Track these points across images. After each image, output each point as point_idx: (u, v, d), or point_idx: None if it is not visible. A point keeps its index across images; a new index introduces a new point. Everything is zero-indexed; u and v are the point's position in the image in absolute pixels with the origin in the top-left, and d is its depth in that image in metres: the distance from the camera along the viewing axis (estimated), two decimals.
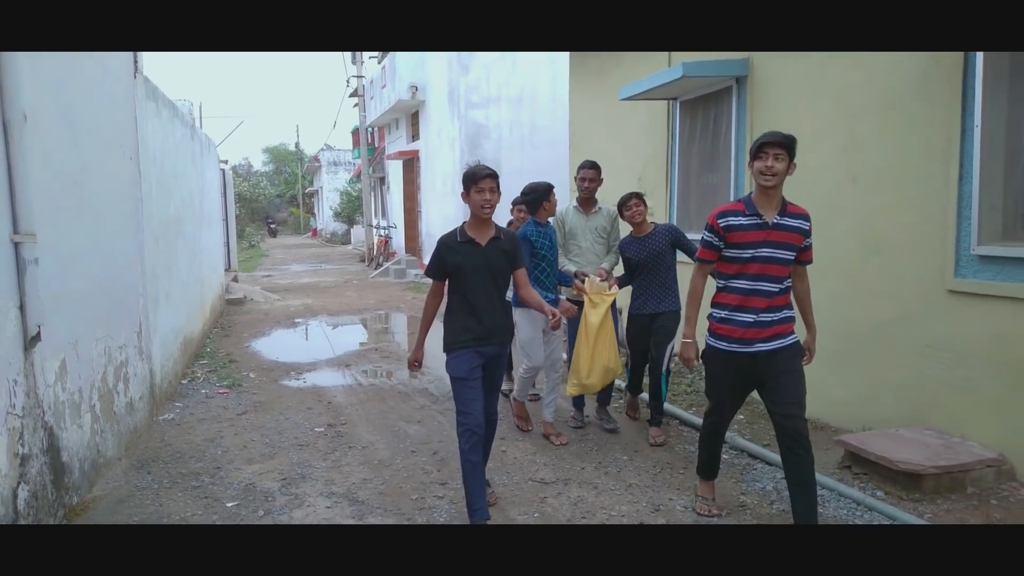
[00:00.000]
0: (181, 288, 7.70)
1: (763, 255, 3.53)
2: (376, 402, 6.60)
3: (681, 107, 7.50)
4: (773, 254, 3.53)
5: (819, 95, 5.49)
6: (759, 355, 3.57)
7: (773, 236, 3.52)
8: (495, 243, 3.88)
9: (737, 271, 3.59)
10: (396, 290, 15.62)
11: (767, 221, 3.52)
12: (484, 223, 3.90)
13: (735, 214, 3.58)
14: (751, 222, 3.54)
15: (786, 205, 3.58)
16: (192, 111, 9.91)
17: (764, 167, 3.45)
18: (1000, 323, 4.18)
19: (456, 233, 3.93)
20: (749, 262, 3.55)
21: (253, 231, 38.81)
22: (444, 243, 3.92)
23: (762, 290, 3.55)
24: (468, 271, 3.84)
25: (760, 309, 3.55)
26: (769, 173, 3.45)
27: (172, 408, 6.35)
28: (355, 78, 23.17)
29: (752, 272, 3.55)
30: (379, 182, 25.71)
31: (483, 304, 3.86)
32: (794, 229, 3.56)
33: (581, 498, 4.32)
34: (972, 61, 4.28)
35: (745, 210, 3.56)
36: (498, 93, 15.19)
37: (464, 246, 3.87)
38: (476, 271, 3.84)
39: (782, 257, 3.54)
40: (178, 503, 4.33)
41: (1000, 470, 4.14)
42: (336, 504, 4.31)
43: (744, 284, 3.57)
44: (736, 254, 3.58)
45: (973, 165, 4.28)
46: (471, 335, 3.86)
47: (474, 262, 3.84)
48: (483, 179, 3.82)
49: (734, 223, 3.57)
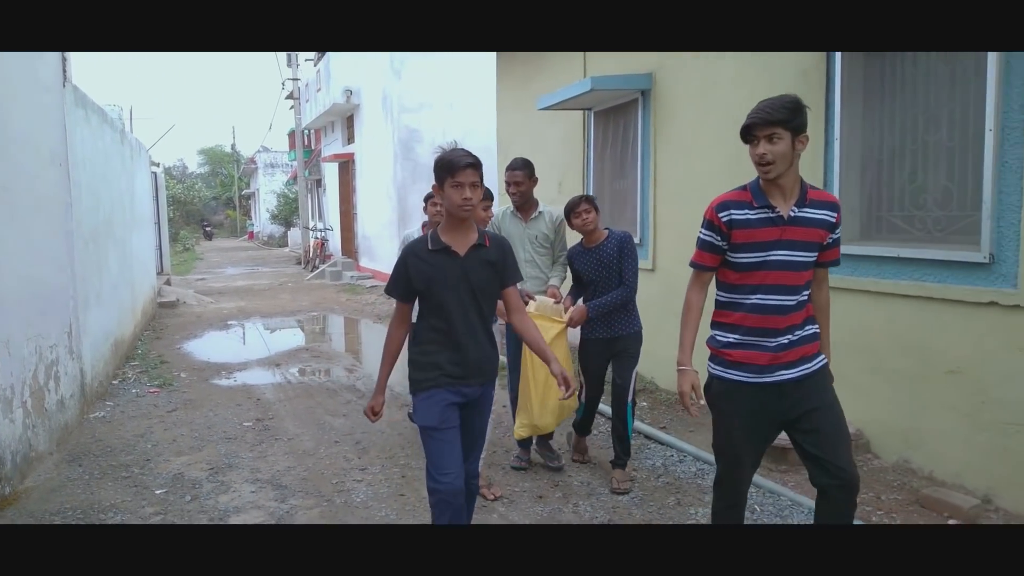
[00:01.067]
0: (112, 290, 7.86)
1: (776, 259, 2.74)
2: (304, 398, 6.89)
3: (595, 117, 7.98)
4: (789, 257, 2.74)
5: (710, 109, 6.00)
6: (784, 385, 2.78)
7: (789, 234, 2.73)
8: (478, 252, 3.00)
9: (743, 280, 2.81)
10: (331, 292, 15.81)
11: (781, 214, 2.73)
12: (463, 226, 3.01)
13: (740, 205, 2.76)
14: (760, 216, 2.74)
15: (806, 192, 2.77)
16: (122, 116, 10.02)
17: (756, 156, 2.69)
18: (859, 314, 4.72)
19: (426, 239, 3.03)
20: (758, 268, 2.76)
21: (188, 234, 38.28)
22: (411, 252, 3.02)
23: (776, 304, 2.76)
24: (442, 288, 2.97)
25: (778, 330, 2.77)
26: (764, 162, 2.67)
27: (103, 407, 6.53)
28: (291, 80, 23.24)
29: (763, 281, 2.77)
30: (316, 184, 25.77)
31: (462, 330, 3.00)
32: (816, 222, 2.75)
33: (490, 478, 4.70)
34: (832, 79, 4.82)
35: (753, 201, 2.75)
36: (431, 99, 15.52)
37: (436, 256, 2.98)
38: (452, 288, 2.97)
39: (800, 260, 2.76)
40: (108, 491, 4.58)
41: (858, 443, 4.68)
42: (260, 489, 4.61)
43: (754, 298, 2.78)
44: (742, 258, 2.79)
45: (834, 173, 4.83)
46: (445, 371, 3.01)
47: (450, 276, 2.97)
48: (462, 170, 2.89)
49: (738, 217, 2.75)
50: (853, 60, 4.74)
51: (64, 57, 6.09)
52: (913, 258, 4.37)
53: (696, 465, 4.86)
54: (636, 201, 7.15)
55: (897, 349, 4.51)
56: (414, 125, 15.55)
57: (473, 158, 2.92)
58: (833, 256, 2.88)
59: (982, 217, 3.96)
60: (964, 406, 4.15)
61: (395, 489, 4.56)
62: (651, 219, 6.88)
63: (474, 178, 2.90)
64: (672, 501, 4.31)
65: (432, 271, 2.98)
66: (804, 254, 2.76)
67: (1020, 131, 3.77)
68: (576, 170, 8.36)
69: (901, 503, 4.15)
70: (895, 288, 4.46)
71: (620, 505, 4.26)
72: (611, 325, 4.51)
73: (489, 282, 3.05)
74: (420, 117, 15.52)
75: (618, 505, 4.26)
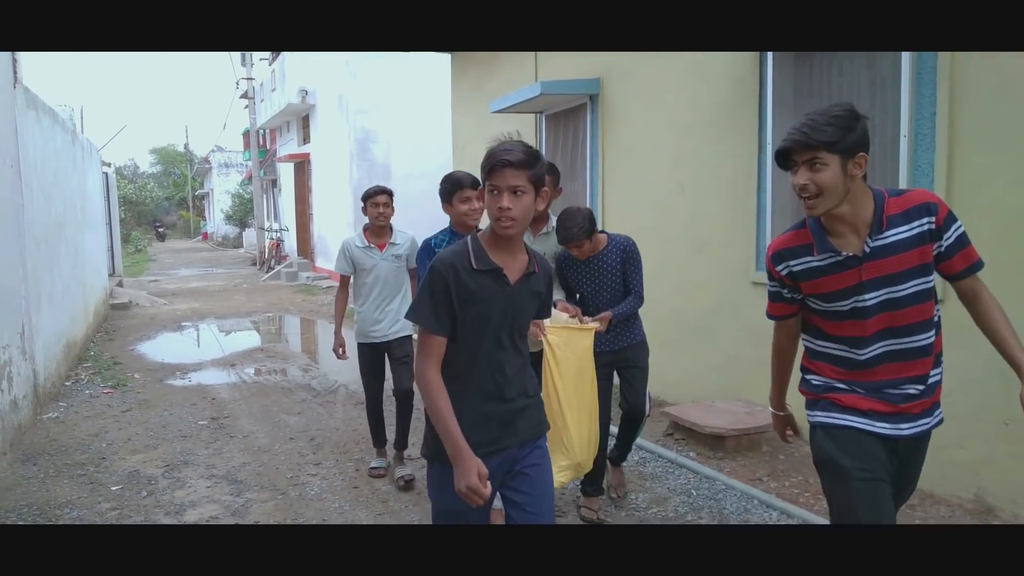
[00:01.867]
0: (64, 291, 7.83)
1: (873, 302, 2.20)
2: (259, 397, 6.97)
3: (546, 120, 8.19)
4: (892, 295, 2.19)
5: (655, 114, 6.25)
6: (900, 443, 2.27)
7: (871, 271, 2.18)
8: (528, 281, 2.32)
9: (838, 332, 2.28)
10: (287, 293, 15.79)
11: (854, 255, 2.18)
12: (511, 245, 2.28)
13: (798, 253, 2.27)
14: (827, 262, 2.22)
15: (882, 212, 2.16)
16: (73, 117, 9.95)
17: (796, 187, 2.17)
18: None
19: (468, 252, 2.25)
20: (849, 317, 2.24)
21: (140, 235, 37.65)
22: (452, 265, 2.23)
23: (895, 350, 2.23)
24: (483, 323, 2.25)
25: (899, 380, 2.24)
26: (806, 195, 2.14)
27: (56, 407, 6.54)
28: (245, 80, 23.05)
29: (863, 333, 2.23)
30: (271, 184, 25.60)
31: (507, 375, 2.31)
32: (906, 244, 2.16)
33: None
34: (765, 86, 5.09)
35: (813, 244, 2.23)
36: (387, 99, 15.58)
37: (485, 279, 2.24)
38: (500, 325, 2.28)
39: (911, 293, 2.18)
40: (64, 489, 4.64)
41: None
42: (216, 484, 4.71)
43: (856, 352, 2.26)
44: (827, 307, 2.27)
45: (767, 176, 5.10)
46: (484, 432, 2.26)
47: (495, 308, 2.25)
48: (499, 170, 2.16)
49: (799, 268, 2.27)
50: (783, 68, 5.01)
51: (15, 58, 6.10)
52: None
53: None
54: (586, 202, 7.37)
55: None
56: (370, 126, 15.61)
57: (516, 154, 2.15)
58: (964, 262, 2.21)
59: None
60: None
61: (349, 482, 4.70)
62: (600, 220, 7.10)
63: (515, 181, 2.14)
64: None
65: (483, 301, 2.23)
66: (912, 284, 2.16)
67: (931, 137, 4.06)
68: None
69: None
70: None
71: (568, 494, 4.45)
72: (617, 336, 3.95)
73: (529, 317, 2.38)
74: (376, 118, 15.59)
75: (566, 494, 4.45)
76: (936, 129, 4.04)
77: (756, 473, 4.57)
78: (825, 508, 4.09)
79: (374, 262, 4.65)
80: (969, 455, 3.96)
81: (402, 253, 4.71)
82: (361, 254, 4.67)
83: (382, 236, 4.72)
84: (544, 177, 2.24)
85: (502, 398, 2.30)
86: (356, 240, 4.72)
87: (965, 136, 3.92)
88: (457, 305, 2.22)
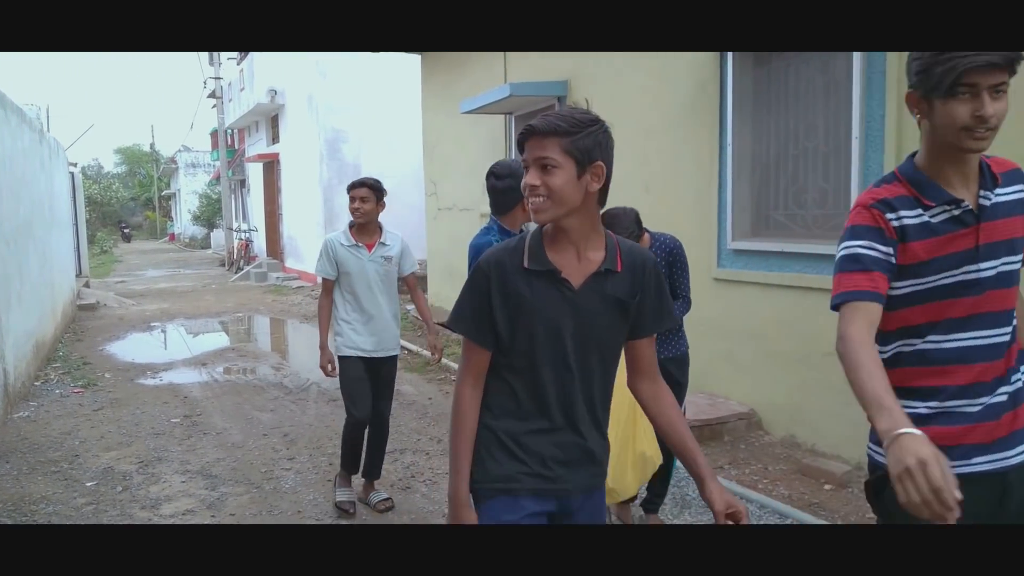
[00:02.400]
0: (32, 291, 7.81)
1: (990, 273, 1.75)
2: (232, 395, 7.02)
3: (516, 121, 8.33)
4: (996, 269, 1.76)
5: (620, 116, 6.40)
6: (1009, 475, 1.77)
7: (988, 234, 1.75)
8: (601, 282, 1.86)
9: (930, 317, 1.77)
10: (257, 293, 15.76)
11: (970, 208, 1.74)
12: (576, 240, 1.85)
13: (907, 203, 1.76)
14: (941, 217, 1.75)
15: (990, 166, 1.78)
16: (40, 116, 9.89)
17: (969, 119, 1.63)
18: (750, 303, 5.19)
19: (523, 250, 1.87)
20: (943, 296, 1.76)
21: (105, 236, 37.13)
22: (496, 263, 1.88)
23: (982, 345, 1.77)
24: (550, 338, 1.86)
25: (986, 384, 1.77)
26: (985, 129, 1.64)
27: (27, 407, 6.54)
28: (213, 79, 22.90)
29: (959, 314, 1.76)
30: (239, 185, 25.44)
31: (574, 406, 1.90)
32: (1016, 207, 1.78)
33: (413, 463, 4.99)
34: (725, 90, 5.28)
35: (922, 197, 1.75)
36: (356, 99, 15.62)
37: (541, 282, 1.85)
38: (565, 341, 1.86)
39: (1010, 271, 1.77)
40: (38, 485, 4.68)
41: (751, 422, 5.14)
42: (191, 479, 4.78)
43: (947, 341, 1.77)
44: (922, 285, 1.77)
45: (727, 176, 5.28)
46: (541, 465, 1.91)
47: (552, 317, 1.85)
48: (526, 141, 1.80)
49: (913, 222, 1.75)
50: (743, 72, 5.20)
51: None
52: (795, 252, 4.84)
53: None
54: None
55: (783, 335, 4.98)
56: (340, 125, 15.63)
57: (545, 120, 1.75)
58: None
59: None
60: (840, 384, 4.62)
61: (323, 475, 4.80)
62: None
63: (542, 152, 1.74)
64: None
65: (529, 303, 1.83)
66: (1011, 261, 1.77)
67: (880, 139, 4.27)
68: None
69: (786, 472, 4.61)
70: (780, 280, 4.93)
71: None
72: (659, 347, 3.52)
73: (614, 333, 1.90)
74: (346, 118, 15.62)
75: None
76: (886, 130, 4.25)
77: (718, 461, 4.75)
78: (782, 493, 4.29)
79: (360, 264, 4.14)
80: None
81: (393, 255, 4.23)
82: (346, 254, 4.14)
83: (370, 234, 4.21)
84: (593, 150, 1.73)
85: (568, 429, 1.90)
86: (340, 238, 4.19)
87: (912, 138, 4.13)
88: (500, 312, 1.85)
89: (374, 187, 4.14)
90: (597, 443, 1.96)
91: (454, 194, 10.00)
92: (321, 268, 4.23)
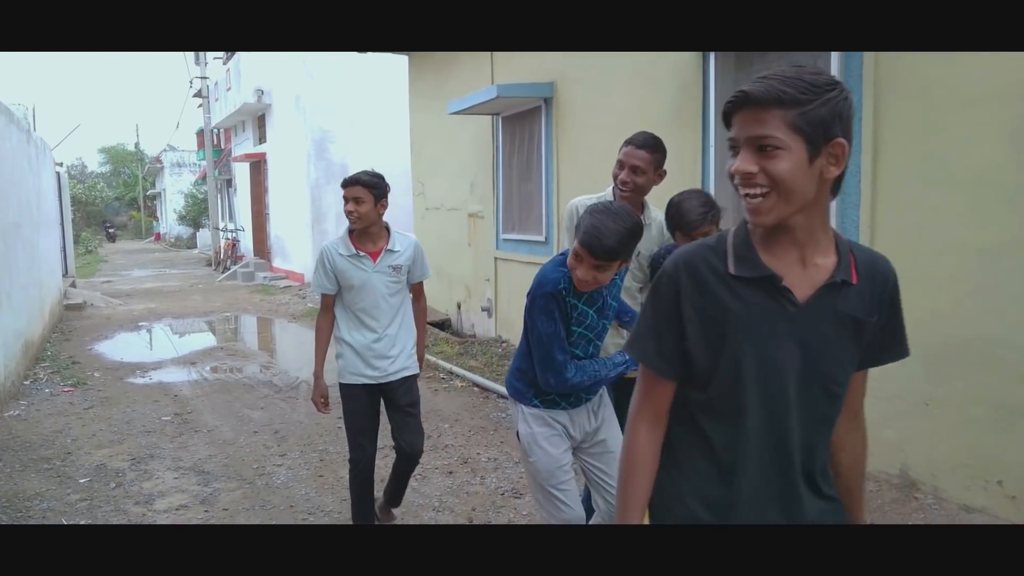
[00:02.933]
0: (21, 291, 7.83)
1: None
2: (222, 394, 7.08)
3: (503, 122, 8.42)
4: None
5: (605, 116, 6.52)
6: None
7: None
8: (833, 295, 1.44)
9: None
10: (244, 293, 15.77)
11: None
12: (797, 239, 1.43)
13: None
14: None
15: None
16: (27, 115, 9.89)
17: None
18: None
19: (726, 249, 1.47)
20: None
21: (90, 236, 36.91)
22: (689, 268, 1.47)
23: None
24: (763, 370, 1.44)
25: None
26: None
27: (17, 406, 6.57)
28: (199, 79, 22.85)
29: None
30: (226, 184, 25.40)
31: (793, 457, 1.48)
32: None
33: None
34: (707, 92, 5.39)
35: None
36: (344, 100, 15.66)
37: (752, 292, 1.44)
38: (784, 373, 1.44)
39: None
40: (32, 482, 4.73)
41: None
42: (183, 475, 4.85)
43: None
44: None
45: (710, 176, 5.39)
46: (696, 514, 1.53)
47: (780, 347, 1.43)
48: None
49: None
50: (725, 73, 5.31)
51: None
52: None
53: None
54: (542, 202, 7.63)
55: None
56: (328, 125, 15.67)
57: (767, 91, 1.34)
58: None
59: (829, 216, 4.56)
60: None
61: (314, 471, 4.88)
62: (555, 220, 7.36)
63: (758, 129, 1.35)
64: None
65: (735, 320, 1.43)
66: None
67: (857, 139, 4.38)
68: (487, 172, 8.79)
69: None
70: None
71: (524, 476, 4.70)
72: None
73: (845, 364, 1.47)
74: (334, 118, 15.66)
75: (523, 476, 4.69)
76: (862, 131, 4.37)
77: None
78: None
79: (365, 275, 3.46)
80: (894, 434, 4.30)
81: (402, 264, 3.54)
82: (346, 265, 3.46)
83: (374, 240, 3.50)
84: (832, 123, 1.34)
85: (784, 494, 1.47)
86: (339, 246, 3.50)
87: (888, 138, 4.25)
88: (694, 330, 1.44)
89: (370, 184, 3.41)
90: (823, 507, 1.50)
91: (441, 194, 10.08)
92: (318, 283, 3.54)
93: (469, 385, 6.97)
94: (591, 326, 2.66)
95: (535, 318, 2.58)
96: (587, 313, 2.63)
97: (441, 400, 6.53)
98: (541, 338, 2.55)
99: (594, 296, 2.63)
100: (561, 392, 2.68)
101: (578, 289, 2.53)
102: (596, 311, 2.66)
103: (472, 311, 9.42)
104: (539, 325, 2.55)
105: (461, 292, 9.69)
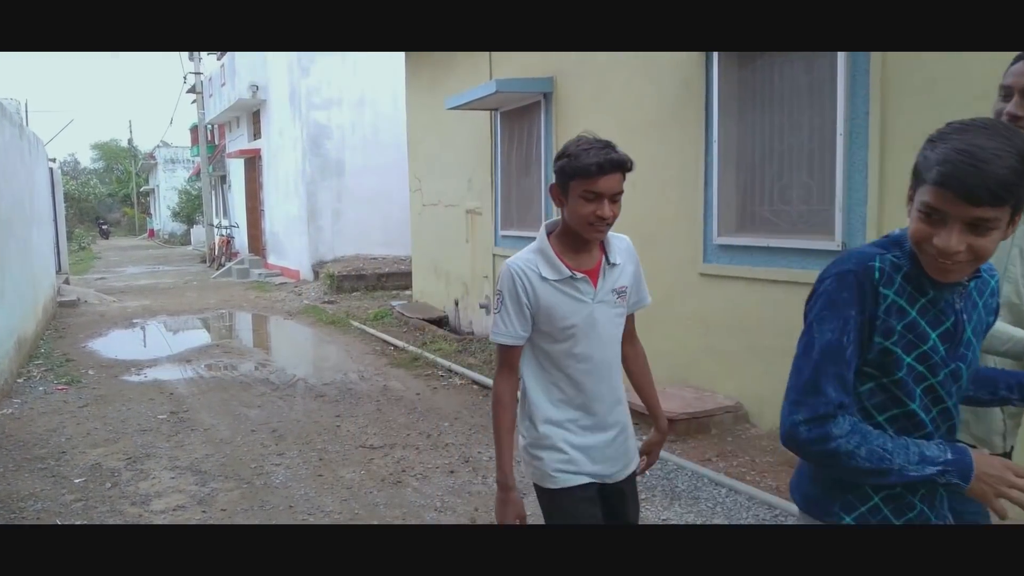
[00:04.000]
0: (14, 288, 7.74)
1: None
2: (218, 392, 7.00)
3: (501, 117, 8.35)
4: None
5: (605, 113, 6.46)
6: None
7: None
8: None
9: None
10: (239, 290, 15.67)
11: None
12: None
13: None
14: None
15: None
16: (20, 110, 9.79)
17: None
18: (735, 298, 5.25)
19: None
20: None
21: (83, 233, 36.73)
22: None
23: None
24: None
25: None
26: None
27: (10, 404, 6.49)
28: (193, 75, 22.72)
29: None
30: (220, 180, 25.26)
31: None
32: None
33: (404, 457, 5.01)
34: (711, 88, 5.33)
35: None
36: (339, 95, 15.58)
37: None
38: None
39: None
40: (26, 482, 4.66)
41: (737, 415, 5.21)
42: (180, 475, 4.78)
43: None
44: None
45: (713, 173, 5.34)
46: None
47: None
48: None
49: None
50: (728, 70, 5.26)
51: None
52: (780, 247, 4.91)
53: None
54: (541, 199, 7.57)
55: (769, 329, 5.05)
56: (323, 121, 15.58)
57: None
58: None
59: (835, 210, 4.52)
60: None
61: (313, 470, 4.81)
62: (554, 216, 7.30)
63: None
64: None
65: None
66: None
67: (864, 136, 4.34)
68: (485, 168, 8.72)
69: (773, 464, 4.67)
70: (766, 274, 5.00)
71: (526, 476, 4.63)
72: None
73: None
74: (329, 113, 15.57)
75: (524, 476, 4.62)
76: (869, 128, 4.32)
77: (706, 454, 4.81)
78: (770, 485, 4.36)
79: (586, 310, 2.15)
80: None
81: (628, 284, 2.26)
82: (555, 296, 2.13)
83: (592, 251, 2.21)
84: None
85: None
86: (538, 264, 2.16)
87: (895, 134, 4.20)
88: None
89: (629, 168, 2.15)
90: None
91: (439, 190, 10.00)
92: (506, 327, 2.16)
93: (468, 383, 6.91)
94: (930, 359, 1.48)
95: (813, 315, 1.53)
96: (925, 333, 1.47)
97: (440, 398, 6.47)
98: (810, 348, 1.51)
99: (943, 307, 1.48)
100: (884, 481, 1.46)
101: (932, 276, 1.43)
102: (944, 335, 1.48)
103: (470, 308, 9.35)
104: (814, 327, 1.51)
105: (459, 289, 9.63)
